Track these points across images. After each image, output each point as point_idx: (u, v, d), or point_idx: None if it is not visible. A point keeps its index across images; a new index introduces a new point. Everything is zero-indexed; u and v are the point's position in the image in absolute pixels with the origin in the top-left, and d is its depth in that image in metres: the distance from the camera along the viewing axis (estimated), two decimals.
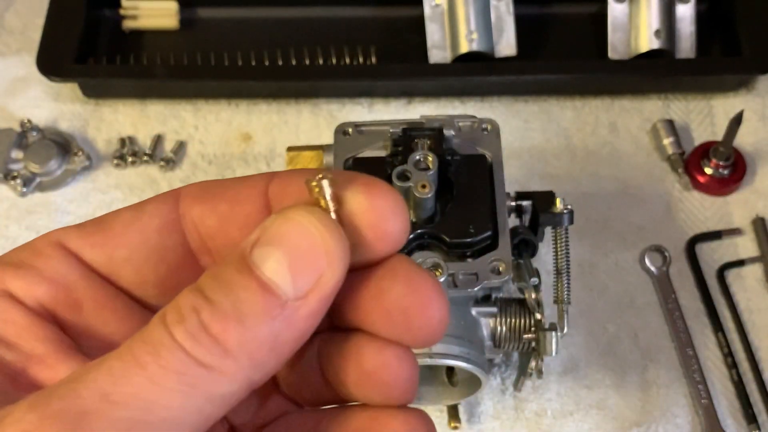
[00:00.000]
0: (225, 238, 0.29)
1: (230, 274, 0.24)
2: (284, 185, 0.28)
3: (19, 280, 0.27)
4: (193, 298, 0.24)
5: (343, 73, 0.80)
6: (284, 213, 0.25)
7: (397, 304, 0.26)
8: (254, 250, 0.24)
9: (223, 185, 0.29)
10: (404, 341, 0.27)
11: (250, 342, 0.23)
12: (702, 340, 0.69)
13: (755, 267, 0.72)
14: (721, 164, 0.74)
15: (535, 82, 0.80)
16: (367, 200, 0.25)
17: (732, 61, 0.79)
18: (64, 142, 0.77)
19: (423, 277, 0.26)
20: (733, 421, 0.66)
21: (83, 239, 0.29)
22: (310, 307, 0.24)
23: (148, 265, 0.29)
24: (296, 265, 0.24)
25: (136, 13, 0.83)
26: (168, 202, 0.29)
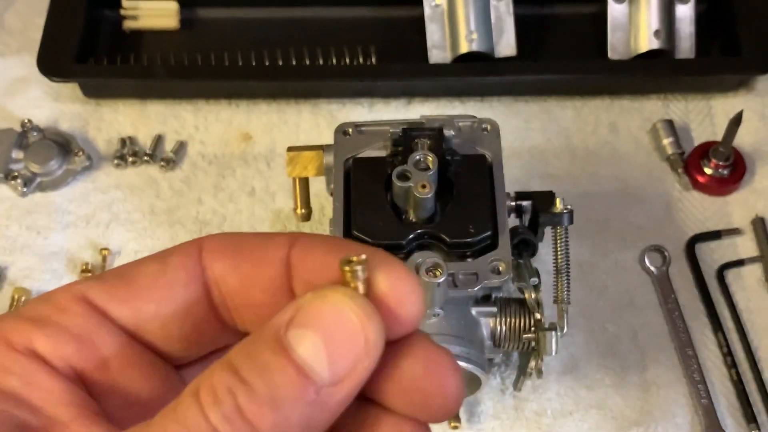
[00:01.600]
0: (245, 298, 0.28)
1: (266, 355, 0.24)
2: (306, 254, 0.27)
3: (45, 339, 0.27)
4: (228, 379, 0.23)
5: (343, 73, 0.80)
6: (322, 294, 0.25)
7: (416, 384, 0.26)
8: (289, 330, 0.24)
9: (247, 243, 0.29)
10: (420, 417, 0.27)
11: (283, 427, 0.23)
12: (702, 339, 0.69)
13: (755, 267, 0.72)
14: (721, 164, 0.74)
15: (535, 82, 0.80)
16: (391, 283, 0.25)
17: (731, 61, 0.79)
18: (64, 142, 0.77)
19: (441, 357, 0.26)
20: (732, 420, 0.66)
21: (108, 294, 0.28)
22: (345, 392, 0.24)
23: (174, 320, 0.29)
24: (334, 350, 0.24)
25: (137, 13, 0.83)
26: (192, 255, 0.29)
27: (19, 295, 0.70)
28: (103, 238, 0.74)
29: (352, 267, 0.25)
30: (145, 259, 0.29)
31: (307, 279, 0.27)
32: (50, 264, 0.72)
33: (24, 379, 0.26)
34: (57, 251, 0.73)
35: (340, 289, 0.25)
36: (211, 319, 0.29)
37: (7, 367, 0.26)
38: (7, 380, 0.26)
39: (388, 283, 0.25)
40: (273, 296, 0.28)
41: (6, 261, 0.73)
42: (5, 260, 0.73)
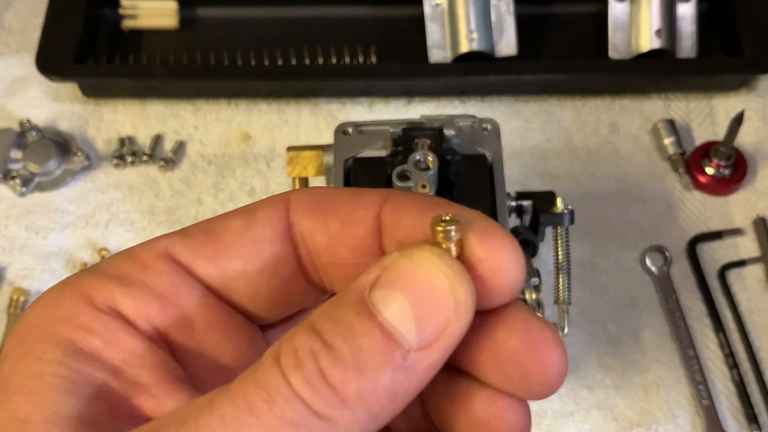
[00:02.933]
0: (333, 257, 0.27)
1: (349, 317, 0.22)
2: (399, 212, 0.26)
3: (129, 299, 0.26)
4: (310, 341, 0.22)
5: (343, 73, 0.80)
6: (409, 253, 0.23)
7: (514, 358, 0.24)
8: (374, 291, 0.23)
9: (336, 199, 0.27)
10: (518, 394, 0.25)
11: (368, 393, 0.22)
12: (703, 340, 0.69)
13: (756, 267, 0.72)
14: (722, 164, 0.74)
15: (535, 82, 0.80)
16: (488, 248, 0.24)
17: (733, 60, 0.79)
18: (63, 142, 0.77)
19: (541, 329, 0.24)
20: (734, 421, 0.66)
21: (194, 251, 0.27)
22: (433, 358, 0.23)
23: (261, 279, 0.27)
24: (422, 312, 0.22)
25: (136, 12, 0.83)
26: (279, 210, 0.27)
27: (17, 296, 0.70)
28: (102, 239, 0.74)
29: (444, 227, 0.23)
30: (229, 214, 0.28)
31: (398, 239, 0.26)
32: (49, 264, 0.72)
33: (106, 340, 0.25)
34: (56, 251, 0.73)
35: (428, 247, 0.23)
36: (298, 278, 0.28)
37: (89, 327, 0.25)
38: (89, 340, 0.25)
39: (484, 247, 0.24)
40: (363, 255, 0.26)
41: (5, 261, 0.73)
42: (4, 260, 0.73)
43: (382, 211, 0.26)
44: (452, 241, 0.24)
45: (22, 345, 0.25)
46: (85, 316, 0.25)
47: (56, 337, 0.25)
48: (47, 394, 0.24)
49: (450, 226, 0.23)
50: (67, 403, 0.24)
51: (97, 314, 0.25)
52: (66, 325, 0.25)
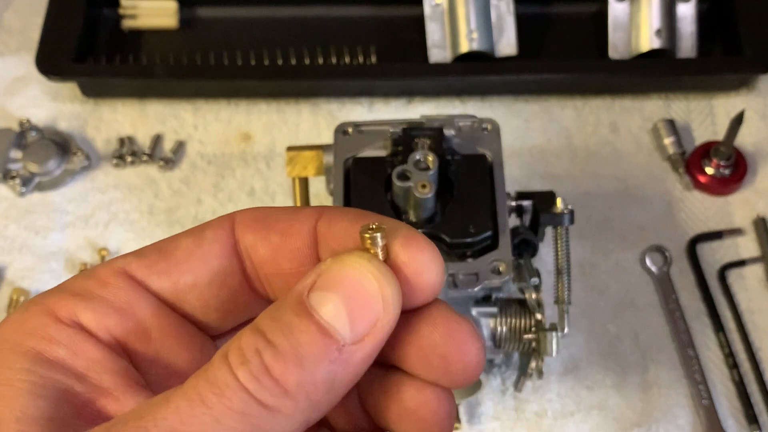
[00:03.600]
0: (275, 267, 0.29)
1: (289, 317, 0.25)
2: (332, 224, 0.29)
3: (90, 312, 0.28)
4: (254, 340, 0.24)
5: (343, 73, 0.80)
6: (341, 258, 0.26)
7: (436, 351, 0.27)
8: (311, 293, 0.25)
9: (275, 216, 0.30)
10: (442, 383, 0.28)
11: (308, 384, 0.24)
12: (703, 340, 0.69)
13: (756, 267, 0.72)
14: (722, 164, 0.74)
15: (535, 82, 0.80)
16: (410, 253, 0.26)
17: (733, 60, 0.79)
18: (63, 142, 0.77)
19: (460, 324, 0.27)
20: (734, 421, 0.66)
21: (148, 268, 0.29)
22: (366, 350, 0.25)
23: (211, 291, 0.30)
24: (354, 310, 0.25)
25: (136, 12, 0.83)
26: (225, 228, 0.30)
27: (17, 296, 0.70)
28: (102, 238, 0.74)
29: (371, 234, 0.26)
30: (180, 235, 0.30)
31: (332, 248, 0.28)
32: (49, 264, 0.72)
33: (70, 349, 0.27)
34: (56, 251, 0.73)
35: (357, 252, 0.26)
36: (245, 289, 0.30)
37: (55, 338, 0.27)
38: (54, 350, 0.27)
39: (406, 252, 0.26)
40: (301, 265, 0.29)
41: (4, 261, 0.73)
42: (4, 260, 0.73)
43: (318, 225, 0.29)
44: (378, 246, 0.26)
45: None
46: (49, 328, 0.28)
47: (23, 348, 0.27)
48: (17, 397, 0.26)
49: (376, 233, 0.26)
50: (36, 405, 0.26)
51: (60, 327, 0.28)
52: (32, 337, 0.27)
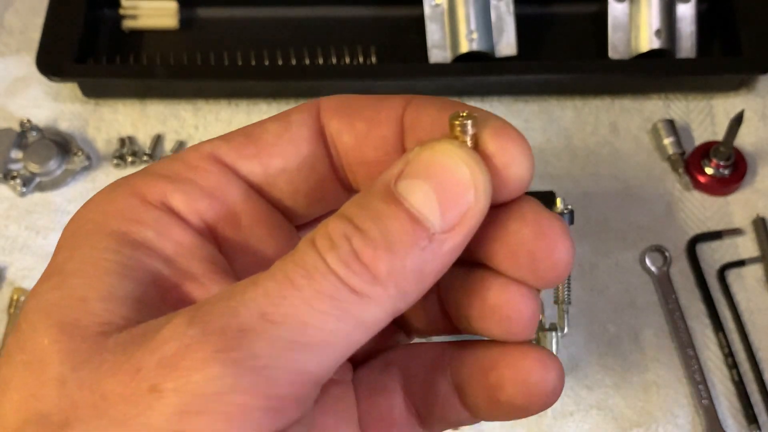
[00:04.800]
0: (360, 156, 0.29)
1: (377, 204, 0.24)
2: (420, 113, 0.28)
3: (179, 195, 0.27)
4: (342, 226, 0.24)
5: (343, 73, 0.80)
6: (431, 146, 0.25)
7: (525, 247, 0.26)
8: (400, 181, 0.24)
9: (361, 103, 0.29)
10: (528, 281, 0.27)
11: (398, 271, 0.24)
12: (702, 340, 0.69)
13: (756, 267, 0.72)
14: (722, 164, 0.74)
15: (535, 82, 0.80)
16: (500, 143, 0.25)
17: (732, 60, 0.79)
18: (63, 142, 0.77)
19: (551, 220, 0.26)
20: (733, 421, 0.66)
21: (236, 151, 0.28)
22: (456, 240, 0.24)
23: (300, 176, 0.29)
24: (445, 198, 0.24)
25: (136, 12, 0.83)
26: (311, 113, 0.29)
27: (18, 296, 0.70)
28: None
29: (461, 121, 0.25)
30: (265, 120, 0.29)
31: (419, 137, 0.27)
32: None
33: (158, 232, 0.26)
34: None
35: (447, 140, 0.25)
36: (331, 177, 0.29)
37: (142, 219, 0.26)
38: (142, 231, 0.26)
39: (496, 142, 0.25)
40: (386, 154, 0.28)
41: (5, 261, 0.73)
42: (4, 260, 0.73)
43: (405, 113, 0.28)
44: (468, 134, 0.25)
45: (75, 237, 0.26)
46: (137, 210, 0.27)
47: (109, 229, 0.26)
48: (102, 276, 0.25)
49: (467, 120, 0.25)
50: (122, 285, 0.25)
51: (149, 208, 0.27)
52: (119, 218, 0.26)
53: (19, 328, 0.25)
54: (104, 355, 0.23)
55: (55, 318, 0.24)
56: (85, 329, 0.24)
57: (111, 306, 0.25)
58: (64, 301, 0.25)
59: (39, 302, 0.25)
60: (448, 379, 0.30)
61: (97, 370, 0.23)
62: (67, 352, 0.23)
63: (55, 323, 0.24)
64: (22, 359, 0.24)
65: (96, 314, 0.24)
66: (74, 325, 0.24)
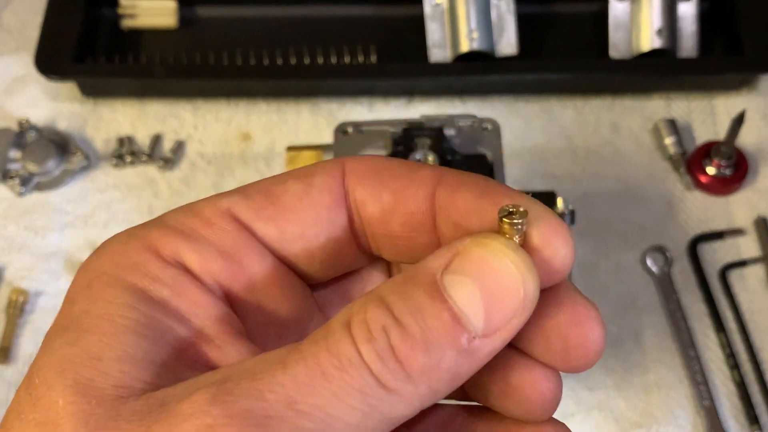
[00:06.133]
0: (385, 228, 0.28)
1: (420, 297, 0.23)
2: (454, 195, 0.27)
3: (194, 254, 0.27)
4: (382, 316, 0.23)
5: (343, 72, 0.80)
6: (482, 242, 0.24)
7: (559, 333, 0.26)
8: (446, 276, 0.24)
9: (389, 173, 0.28)
10: (557, 366, 0.26)
11: (432, 371, 0.23)
12: (704, 340, 0.69)
13: (757, 267, 0.72)
14: (723, 164, 0.74)
15: (536, 82, 0.80)
16: (546, 238, 0.25)
17: (734, 60, 0.79)
18: (62, 142, 0.77)
19: (587, 307, 0.26)
20: (735, 422, 0.66)
21: (254, 212, 0.28)
22: (495, 345, 0.24)
23: (317, 242, 0.28)
24: (492, 303, 0.23)
25: (135, 12, 0.83)
26: (335, 176, 0.28)
27: (16, 296, 0.70)
28: (102, 239, 0.73)
29: (513, 219, 0.24)
30: (287, 177, 0.28)
31: (454, 220, 0.26)
32: (48, 264, 0.72)
33: (174, 290, 0.26)
34: (55, 251, 0.73)
35: (501, 239, 0.24)
36: (350, 241, 0.29)
37: (158, 277, 0.26)
38: (158, 289, 0.26)
39: (542, 235, 0.25)
40: (414, 231, 0.27)
41: (3, 261, 0.72)
42: (3, 260, 0.72)
43: (437, 192, 0.27)
44: (519, 233, 0.24)
45: (91, 289, 0.26)
46: (152, 266, 0.26)
47: (125, 283, 0.26)
48: (119, 334, 0.25)
49: (519, 219, 0.24)
50: (138, 345, 0.25)
51: (164, 265, 0.26)
52: (135, 273, 0.26)
53: (32, 382, 0.24)
54: (120, 424, 0.23)
55: (69, 377, 0.24)
56: (100, 391, 0.23)
57: (127, 368, 0.24)
58: (79, 358, 0.24)
59: (54, 358, 0.24)
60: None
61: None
62: (81, 416, 0.23)
63: (70, 382, 0.24)
64: (35, 418, 0.24)
65: (111, 375, 0.24)
66: (89, 386, 0.24)
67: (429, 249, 0.27)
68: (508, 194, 0.26)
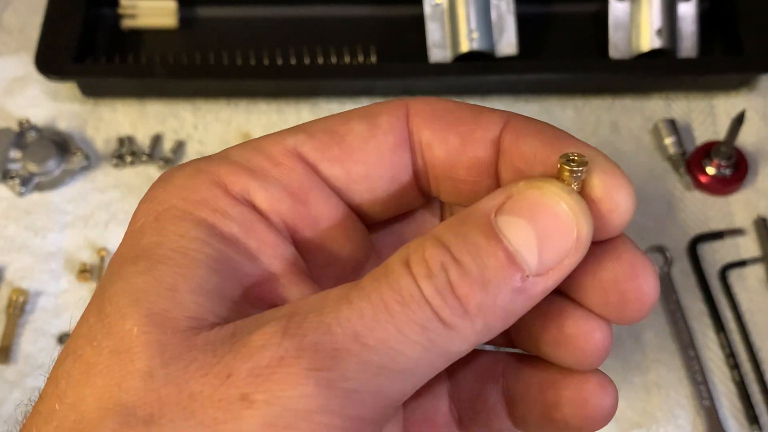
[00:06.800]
0: (449, 172, 0.28)
1: (476, 237, 0.24)
2: (519, 140, 0.27)
3: (263, 192, 0.27)
4: (440, 254, 0.24)
5: (343, 73, 0.80)
6: (537, 184, 0.25)
7: (617, 285, 0.26)
8: (500, 216, 0.24)
9: (456, 114, 0.28)
10: (611, 318, 0.27)
11: (488, 307, 0.24)
12: (704, 340, 0.69)
13: (757, 267, 0.72)
14: (723, 164, 0.74)
15: (535, 82, 0.80)
16: (608, 189, 0.25)
17: (734, 60, 0.79)
18: (62, 142, 0.77)
19: (644, 262, 0.26)
20: (734, 422, 0.66)
21: (320, 152, 0.28)
22: (548, 284, 0.24)
23: (381, 184, 0.28)
24: (545, 242, 0.24)
25: (135, 12, 0.83)
26: (400, 118, 0.28)
27: (17, 296, 0.70)
28: (102, 239, 0.73)
29: (572, 167, 0.25)
30: (351, 116, 0.28)
31: (517, 166, 0.27)
32: (48, 264, 0.72)
33: (244, 227, 0.26)
34: (55, 251, 0.73)
35: (556, 182, 0.25)
36: (412, 184, 0.29)
37: (228, 213, 0.26)
38: (229, 225, 0.26)
39: (604, 187, 0.25)
40: (478, 175, 0.28)
41: (3, 261, 0.72)
42: (3, 260, 0.72)
43: (502, 136, 0.27)
44: (578, 180, 0.25)
45: (160, 222, 0.26)
46: (222, 202, 0.26)
47: (196, 218, 0.26)
48: (192, 267, 0.25)
49: (579, 167, 0.25)
50: (210, 279, 0.25)
51: (234, 202, 0.26)
52: (204, 208, 0.26)
53: (103, 310, 0.24)
54: (194, 354, 0.23)
55: (144, 306, 0.24)
56: (174, 322, 0.24)
57: (200, 299, 0.24)
58: (154, 288, 0.24)
59: (127, 286, 0.24)
60: (498, 389, 0.30)
61: (186, 369, 0.23)
62: (156, 345, 0.23)
63: (145, 312, 0.24)
64: (108, 345, 0.24)
65: (186, 307, 0.24)
66: (164, 316, 0.24)
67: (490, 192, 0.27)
68: (574, 143, 0.26)
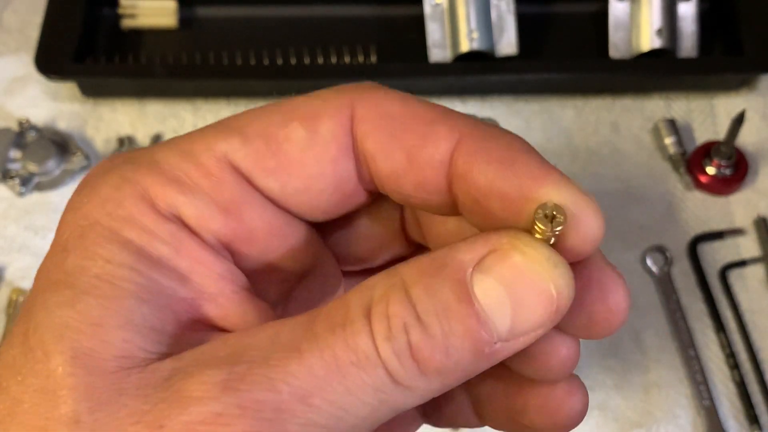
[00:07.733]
0: (395, 186, 0.26)
1: (447, 297, 0.22)
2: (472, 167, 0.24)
3: (192, 209, 0.25)
4: (405, 313, 0.22)
5: (343, 73, 0.80)
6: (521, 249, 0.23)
7: (583, 308, 0.25)
8: (477, 275, 0.22)
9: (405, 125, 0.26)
10: (578, 335, 0.26)
11: (447, 371, 0.23)
12: (704, 340, 0.69)
13: (757, 267, 0.72)
14: (723, 164, 0.74)
15: (536, 82, 0.80)
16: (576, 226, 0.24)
17: (734, 60, 0.79)
18: (62, 142, 0.77)
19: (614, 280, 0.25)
20: (735, 422, 0.66)
21: (255, 162, 0.26)
22: (515, 348, 0.23)
23: (321, 197, 0.27)
24: (520, 312, 0.23)
25: (135, 11, 0.83)
26: (343, 123, 0.26)
27: (17, 296, 0.70)
28: None
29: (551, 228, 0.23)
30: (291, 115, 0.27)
31: (473, 197, 0.25)
32: None
33: (173, 247, 0.25)
34: None
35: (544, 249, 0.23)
36: (357, 189, 0.27)
37: (155, 232, 0.24)
38: (157, 246, 0.24)
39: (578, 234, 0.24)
40: (427, 195, 0.26)
41: (3, 261, 0.72)
42: (3, 261, 0.72)
43: (454, 158, 0.25)
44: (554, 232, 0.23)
45: (85, 240, 0.24)
46: (149, 219, 0.25)
47: (122, 239, 0.24)
48: (120, 299, 0.23)
49: (557, 227, 0.23)
50: (140, 311, 0.23)
51: (161, 220, 0.25)
52: (131, 227, 0.24)
53: (27, 342, 0.23)
54: (124, 399, 0.22)
55: (68, 345, 0.22)
56: (102, 362, 0.22)
57: (129, 335, 0.23)
58: (78, 324, 0.23)
59: (50, 320, 0.23)
60: (465, 389, 0.29)
61: (115, 416, 0.22)
62: (83, 389, 0.22)
63: (69, 351, 0.22)
64: (33, 384, 0.22)
65: (113, 345, 0.23)
66: (90, 356, 0.22)
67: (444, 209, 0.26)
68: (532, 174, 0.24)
